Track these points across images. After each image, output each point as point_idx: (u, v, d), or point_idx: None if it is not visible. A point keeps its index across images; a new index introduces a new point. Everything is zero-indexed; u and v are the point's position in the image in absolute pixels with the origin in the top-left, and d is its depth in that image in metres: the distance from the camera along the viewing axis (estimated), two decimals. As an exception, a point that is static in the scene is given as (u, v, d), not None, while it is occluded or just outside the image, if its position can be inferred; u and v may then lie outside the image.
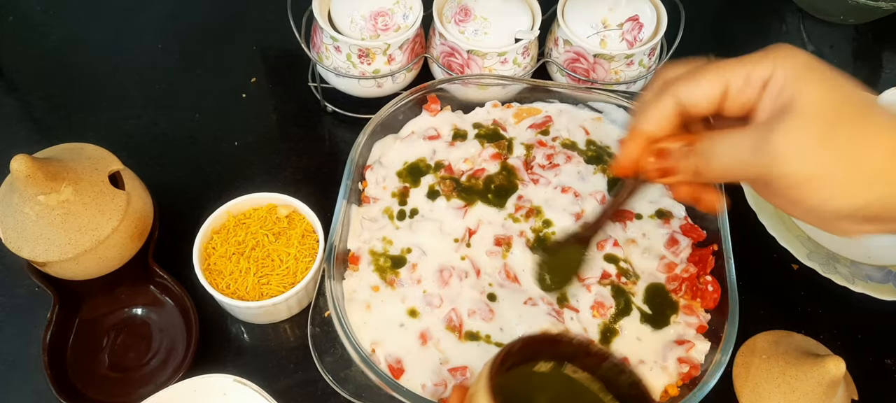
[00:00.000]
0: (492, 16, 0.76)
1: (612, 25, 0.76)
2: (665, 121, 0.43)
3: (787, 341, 0.67)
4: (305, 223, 0.68)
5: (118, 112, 0.83)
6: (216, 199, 0.68)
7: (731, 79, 0.41)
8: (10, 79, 0.87)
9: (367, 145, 0.71)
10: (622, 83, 0.79)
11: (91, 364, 0.65)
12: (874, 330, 0.70)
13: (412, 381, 0.58)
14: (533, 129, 0.74)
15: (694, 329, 0.62)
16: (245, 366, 0.66)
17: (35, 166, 0.58)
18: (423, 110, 0.75)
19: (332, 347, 0.58)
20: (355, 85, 0.78)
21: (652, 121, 0.43)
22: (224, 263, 0.65)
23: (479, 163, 0.71)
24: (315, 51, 0.79)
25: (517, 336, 0.46)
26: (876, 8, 0.90)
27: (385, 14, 0.74)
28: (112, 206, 0.62)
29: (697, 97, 0.42)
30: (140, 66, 0.88)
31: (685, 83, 0.42)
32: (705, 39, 0.95)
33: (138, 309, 0.68)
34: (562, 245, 0.56)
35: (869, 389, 0.66)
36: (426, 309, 0.62)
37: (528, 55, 0.79)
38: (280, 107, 0.85)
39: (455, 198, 0.69)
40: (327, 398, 0.64)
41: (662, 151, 0.44)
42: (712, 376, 0.57)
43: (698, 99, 0.42)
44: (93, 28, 0.92)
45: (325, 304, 0.59)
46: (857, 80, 0.40)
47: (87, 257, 0.61)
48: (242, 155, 0.80)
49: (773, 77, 0.39)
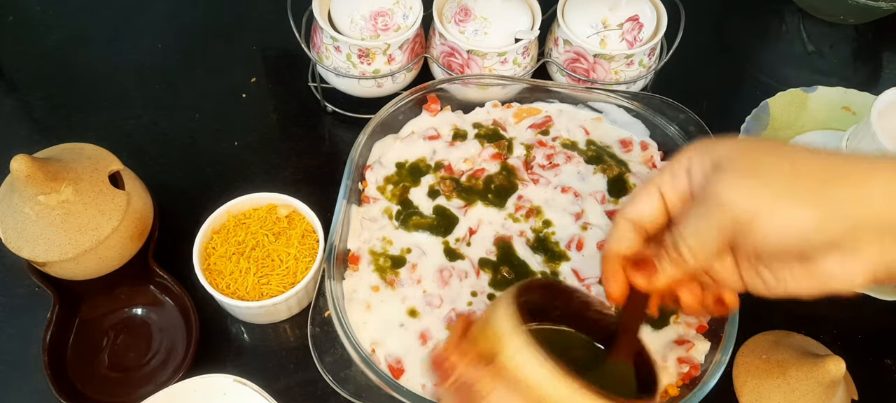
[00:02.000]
0: (492, 16, 0.76)
1: (612, 25, 0.76)
2: (625, 240, 0.46)
3: (787, 341, 0.67)
4: (305, 223, 0.68)
5: (118, 112, 0.83)
6: (216, 199, 0.68)
7: (661, 182, 0.45)
8: (10, 79, 0.87)
9: (367, 145, 0.71)
10: (622, 83, 0.79)
11: (91, 364, 0.65)
12: (874, 330, 0.70)
13: (412, 381, 0.58)
14: (533, 129, 0.74)
15: (694, 329, 0.62)
16: (245, 366, 0.66)
17: (35, 166, 0.58)
18: (423, 110, 0.75)
19: (332, 347, 0.58)
20: (355, 85, 0.78)
21: (614, 244, 0.47)
22: (224, 263, 0.65)
23: (479, 163, 0.71)
24: (315, 51, 0.79)
25: None
26: (876, 8, 0.90)
27: (385, 14, 0.74)
28: (112, 206, 0.62)
29: (642, 209, 0.46)
30: (140, 66, 0.88)
31: (628, 204, 0.46)
32: (705, 39, 0.95)
33: (138, 309, 0.68)
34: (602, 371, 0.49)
35: (869, 389, 0.66)
36: (426, 309, 0.62)
37: (528, 55, 0.79)
38: (280, 107, 0.85)
39: (455, 197, 0.69)
40: (327, 398, 0.64)
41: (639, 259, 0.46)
42: (712, 376, 0.57)
43: (643, 210, 0.46)
44: (93, 28, 0.92)
45: (325, 304, 0.59)
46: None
47: (87, 257, 0.61)
48: (242, 155, 0.80)
49: (692, 161, 0.43)
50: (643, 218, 0.45)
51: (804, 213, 0.38)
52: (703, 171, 0.42)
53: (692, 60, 0.86)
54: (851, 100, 0.83)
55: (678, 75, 0.84)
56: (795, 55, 0.95)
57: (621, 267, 0.47)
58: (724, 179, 0.40)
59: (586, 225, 0.67)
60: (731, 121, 0.80)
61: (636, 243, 0.46)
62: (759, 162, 0.40)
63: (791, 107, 0.82)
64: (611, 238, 0.47)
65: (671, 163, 0.45)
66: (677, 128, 0.72)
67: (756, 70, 0.92)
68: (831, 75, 0.92)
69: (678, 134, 0.72)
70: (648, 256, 0.45)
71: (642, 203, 0.45)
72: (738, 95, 0.89)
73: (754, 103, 0.81)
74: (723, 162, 0.41)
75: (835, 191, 0.38)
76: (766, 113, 0.81)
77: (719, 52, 0.96)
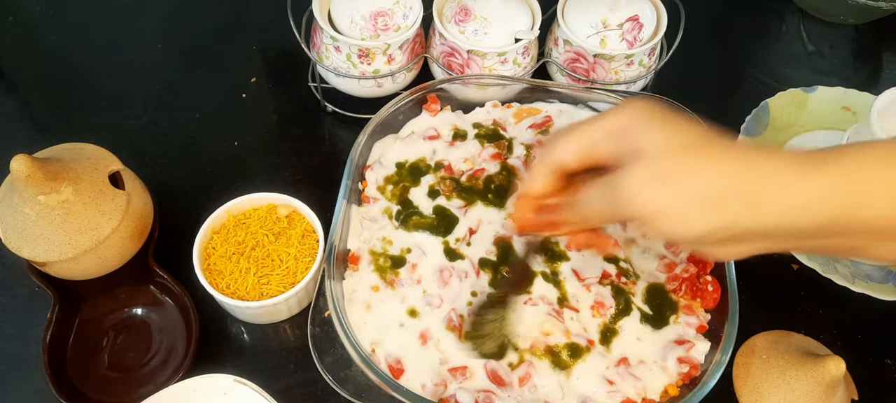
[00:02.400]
0: (492, 16, 0.76)
1: (612, 25, 0.76)
2: (545, 180, 0.49)
3: (787, 341, 0.67)
4: (305, 223, 0.68)
5: (118, 112, 0.83)
6: (216, 199, 0.68)
7: (593, 134, 0.47)
8: (10, 79, 0.87)
9: (367, 145, 0.71)
10: (622, 83, 0.79)
11: (91, 364, 0.65)
12: (874, 329, 0.70)
13: (412, 381, 0.58)
14: (533, 129, 0.74)
15: (694, 329, 0.62)
16: (245, 366, 0.66)
17: (35, 166, 0.58)
18: (423, 110, 0.75)
19: (332, 347, 0.58)
20: (355, 85, 0.78)
21: (534, 182, 0.50)
22: (224, 263, 0.65)
23: (479, 163, 0.71)
24: (315, 51, 0.79)
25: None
26: (876, 8, 0.90)
27: (385, 14, 0.74)
28: (112, 206, 0.62)
29: (567, 155, 0.48)
30: (140, 66, 0.88)
31: (556, 144, 0.49)
32: (705, 39, 0.95)
33: (138, 309, 0.68)
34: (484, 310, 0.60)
35: (869, 389, 0.66)
36: (426, 309, 0.62)
37: (528, 55, 0.79)
38: (280, 107, 0.85)
39: (455, 197, 0.69)
40: (327, 398, 0.64)
41: (543, 208, 0.50)
42: (712, 376, 0.57)
43: (568, 156, 0.48)
44: (93, 28, 0.92)
45: (325, 304, 0.59)
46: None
47: (87, 257, 0.61)
48: (242, 155, 0.80)
49: (624, 127, 0.45)
50: (568, 163, 0.48)
51: (699, 222, 0.42)
52: (628, 146, 0.44)
53: (692, 60, 0.86)
54: (851, 100, 0.83)
55: (678, 75, 0.84)
56: (795, 55, 0.95)
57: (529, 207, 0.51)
58: (636, 175, 0.43)
59: (586, 225, 0.67)
60: (732, 120, 0.80)
61: (556, 186, 0.50)
62: (669, 171, 0.42)
63: (791, 107, 0.82)
64: (530, 176, 0.51)
65: (607, 118, 0.46)
66: (677, 128, 0.72)
67: (756, 70, 0.92)
68: (831, 75, 0.92)
69: (678, 134, 0.72)
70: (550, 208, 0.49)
71: (571, 146, 0.48)
72: (738, 95, 0.89)
73: (754, 103, 0.81)
74: (645, 150, 0.43)
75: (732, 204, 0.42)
76: (766, 113, 0.81)
77: (719, 52, 0.96)
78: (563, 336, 0.61)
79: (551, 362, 0.59)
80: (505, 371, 0.59)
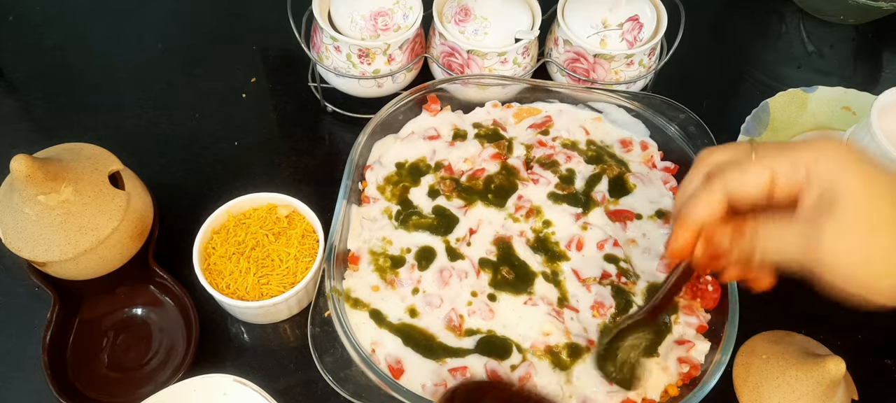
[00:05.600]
0: (492, 16, 0.76)
1: (612, 25, 0.76)
2: (714, 210, 0.45)
3: (787, 341, 0.67)
4: (305, 223, 0.68)
5: (118, 112, 0.83)
6: (216, 199, 0.68)
7: (778, 169, 0.43)
8: (10, 79, 0.87)
9: (367, 145, 0.71)
10: (622, 83, 0.79)
11: (91, 364, 0.65)
12: (874, 330, 0.70)
13: (412, 381, 0.58)
14: (533, 129, 0.74)
15: (694, 329, 0.62)
16: (245, 366, 0.66)
17: (35, 166, 0.58)
18: (423, 110, 0.75)
19: (332, 347, 0.58)
20: (355, 85, 0.78)
21: (702, 211, 0.45)
22: (224, 263, 0.65)
23: (479, 163, 0.71)
24: (315, 51, 0.79)
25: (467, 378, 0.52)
26: (876, 8, 0.90)
27: (385, 14, 0.74)
28: (112, 206, 0.62)
29: (747, 188, 0.43)
30: (140, 66, 0.88)
31: (733, 174, 0.44)
32: (705, 39, 0.95)
33: (138, 309, 0.68)
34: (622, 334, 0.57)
35: (869, 389, 0.66)
36: (426, 309, 0.62)
37: (528, 55, 0.79)
38: (280, 107, 0.85)
39: (455, 197, 0.69)
40: (327, 398, 0.64)
41: (712, 240, 0.45)
42: (712, 376, 0.57)
43: (748, 189, 0.43)
44: (93, 28, 0.92)
45: (325, 304, 0.59)
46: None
47: (87, 257, 0.61)
48: (242, 155, 0.80)
49: (817, 167, 0.41)
50: (747, 197, 0.44)
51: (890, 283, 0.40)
52: (823, 191, 0.40)
53: (692, 60, 0.86)
54: (851, 100, 0.83)
55: (678, 75, 0.84)
56: (795, 55, 0.95)
57: (695, 233, 0.46)
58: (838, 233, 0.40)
59: (586, 225, 0.67)
60: (731, 120, 0.80)
61: (721, 214, 0.45)
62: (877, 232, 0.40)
63: (791, 107, 0.82)
64: (700, 201, 0.45)
65: (797, 152, 0.42)
66: (677, 128, 0.72)
67: (756, 70, 0.92)
68: (831, 75, 0.92)
69: (678, 134, 0.72)
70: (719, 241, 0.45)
71: (752, 179, 0.43)
72: (738, 95, 0.89)
73: (754, 103, 0.81)
74: (847, 204, 0.40)
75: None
76: (766, 113, 0.81)
77: (719, 52, 0.96)
78: (563, 336, 0.61)
79: (551, 362, 0.59)
80: (505, 371, 0.59)
